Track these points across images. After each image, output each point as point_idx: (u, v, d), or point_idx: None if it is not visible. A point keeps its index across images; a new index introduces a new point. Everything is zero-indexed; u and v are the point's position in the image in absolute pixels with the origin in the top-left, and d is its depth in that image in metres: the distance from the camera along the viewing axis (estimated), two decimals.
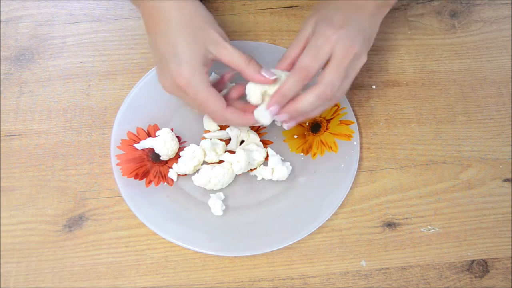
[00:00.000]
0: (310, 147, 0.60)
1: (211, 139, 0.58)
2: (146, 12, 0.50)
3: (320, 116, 0.61)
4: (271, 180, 0.57)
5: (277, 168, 0.56)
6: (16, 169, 0.58)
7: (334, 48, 0.47)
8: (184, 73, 0.47)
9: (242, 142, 0.59)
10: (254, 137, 0.59)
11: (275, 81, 0.50)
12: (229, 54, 0.49)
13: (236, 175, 0.57)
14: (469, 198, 0.58)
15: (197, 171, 0.56)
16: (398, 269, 0.54)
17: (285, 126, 0.52)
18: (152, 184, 0.56)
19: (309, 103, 0.48)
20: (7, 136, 0.60)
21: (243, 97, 0.53)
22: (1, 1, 0.68)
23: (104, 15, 0.67)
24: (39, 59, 0.65)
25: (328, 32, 0.47)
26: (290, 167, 0.57)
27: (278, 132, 0.61)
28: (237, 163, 0.55)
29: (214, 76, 0.61)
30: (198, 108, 0.50)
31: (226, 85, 0.56)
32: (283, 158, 0.57)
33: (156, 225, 0.53)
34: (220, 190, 0.57)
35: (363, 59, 0.49)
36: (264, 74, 0.49)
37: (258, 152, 0.57)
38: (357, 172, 0.58)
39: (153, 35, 0.49)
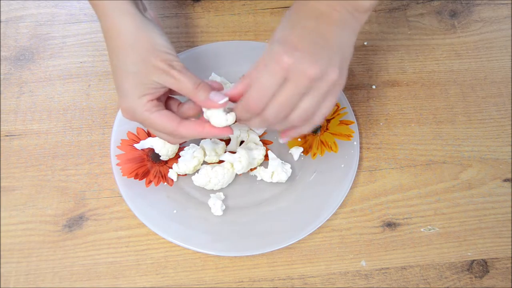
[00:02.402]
0: (310, 147, 0.60)
1: (211, 139, 0.58)
2: (102, 26, 0.47)
3: None
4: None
5: (277, 171, 0.56)
6: (16, 169, 0.58)
7: (288, 73, 0.41)
8: (128, 106, 0.46)
9: (242, 142, 0.59)
10: (254, 137, 0.59)
11: (225, 104, 0.46)
12: (175, 82, 0.45)
13: (236, 175, 0.57)
14: (469, 198, 0.58)
15: (197, 171, 0.56)
16: (398, 269, 0.54)
17: (281, 141, 0.50)
18: (152, 184, 0.56)
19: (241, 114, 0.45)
20: (7, 136, 0.60)
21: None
22: (1, 1, 0.68)
23: None
24: (39, 59, 0.65)
25: (280, 52, 0.41)
26: (290, 170, 0.57)
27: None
28: (238, 162, 0.55)
29: (214, 76, 0.61)
30: (158, 135, 0.50)
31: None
32: (283, 161, 0.57)
33: (156, 225, 0.53)
34: (220, 190, 0.57)
35: (336, 78, 0.43)
36: (213, 98, 0.45)
37: (258, 151, 0.57)
38: (357, 172, 0.58)
39: (109, 54, 0.46)
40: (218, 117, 0.47)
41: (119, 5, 0.45)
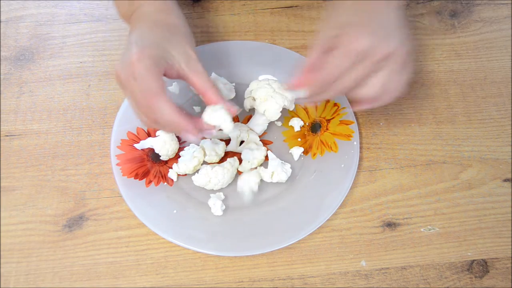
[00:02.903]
0: (310, 147, 0.60)
1: (211, 139, 0.58)
2: (130, 19, 0.53)
3: (320, 116, 0.61)
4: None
5: (277, 171, 0.56)
6: (16, 169, 0.58)
7: (365, 58, 0.45)
8: (143, 50, 0.46)
9: (242, 142, 0.59)
10: (254, 137, 0.59)
11: (235, 111, 0.50)
12: (200, 74, 0.49)
13: (236, 175, 0.57)
14: (469, 198, 0.58)
15: (197, 171, 0.56)
16: (398, 269, 0.54)
17: (308, 104, 0.51)
18: (152, 184, 0.56)
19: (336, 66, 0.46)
20: (7, 136, 0.60)
21: None
22: (1, 1, 0.68)
23: (104, 15, 0.67)
24: (39, 59, 0.65)
25: (354, 39, 0.44)
26: (290, 170, 0.57)
27: (278, 132, 0.61)
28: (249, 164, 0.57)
29: (214, 76, 0.61)
30: (141, 100, 0.46)
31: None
32: (283, 161, 0.57)
33: (156, 225, 0.53)
34: (220, 190, 0.57)
35: (404, 50, 0.46)
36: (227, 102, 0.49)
37: (258, 151, 0.57)
38: (357, 172, 0.58)
39: (130, 32, 0.50)
40: (220, 118, 0.49)
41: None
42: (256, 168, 0.58)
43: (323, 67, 0.46)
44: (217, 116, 0.48)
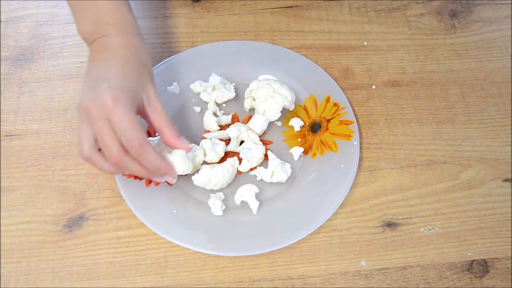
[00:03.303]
0: (310, 147, 0.60)
1: (211, 139, 0.58)
2: (94, 43, 0.52)
3: (320, 116, 0.61)
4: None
5: (277, 171, 0.56)
6: (16, 169, 0.58)
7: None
8: (117, 93, 0.46)
9: (242, 142, 0.59)
10: (254, 137, 0.58)
11: (190, 149, 0.53)
12: (158, 114, 0.51)
13: (236, 175, 0.57)
14: (469, 198, 0.58)
15: (197, 171, 0.56)
16: (398, 269, 0.54)
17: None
18: (152, 184, 0.56)
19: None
20: (7, 136, 0.60)
21: None
22: (1, 1, 0.68)
23: None
24: (39, 59, 0.65)
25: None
26: (290, 170, 0.57)
27: (278, 132, 0.61)
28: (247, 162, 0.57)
29: (213, 76, 0.61)
30: (106, 134, 0.46)
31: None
32: (283, 161, 0.57)
33: (156, 225, 0.53)
34: (220, 190, 0.57)
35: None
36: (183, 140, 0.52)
37: (257, 149, 0.57)
38: (357, 172, 0.58)
39: (95, 62, 0.50)
40: (180, 162, 0.52)
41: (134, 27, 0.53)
42: (256, 168, 0.58)
43: None
44: (176, 162, 0.52)
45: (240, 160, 0.58)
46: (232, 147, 0.58)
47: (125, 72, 0.49)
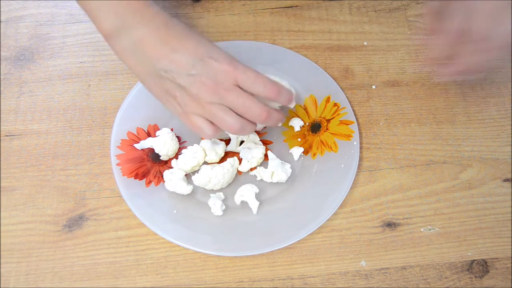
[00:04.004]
0: (310, 147, 0.60)
1: (210, 139, 0.58)
2: (159, 26, 0.48)
3: (320, 116, 0.61)
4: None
5: (277, 171, 0.56)
6: (16, 169, 0.58)
7: None
8: (228, 60, 0.47)
9: (242, 142, 0.59)
10: (253, 137, 0.59)
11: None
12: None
13: (236, 175, 0.57)
14: (469, 198, 0.58)
15: (197, 171, 0.56)
16: (398, 269, 0.54)
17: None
18: (152, 184, 0.56)
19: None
20: (7, 136, 0.60)
21: None
22: (1, 1, 0.68)
23: None
24: (39, 59, 0.65)
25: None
26: (290, 170, 0.57)
27: (278, 132, 0.61)
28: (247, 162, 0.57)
29: None
30: (242, 98, 0.47)
31: None
32: (283, 161, 0.57)
33: (156, 225, 0.53)
34: (220, 190, 0.57)
35: None
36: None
37: (257, 149, 0.57)
38: (357, 172, 0.58)
39: (161, 56, 0.47)
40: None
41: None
42: (256, 168, 0.58)
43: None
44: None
45: (240, 160, 0.58)
46: (232, 147, 0.58)
47: (199, 40, 0.48)
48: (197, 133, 0.50)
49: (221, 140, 0.59)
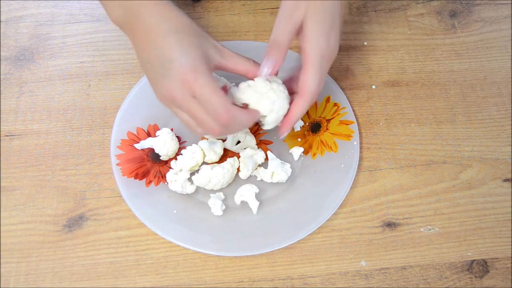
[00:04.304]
0: (310, 147, 0.60)
1: (207, 139, 0.58)
2: (131, 29, 0.48)
3: (320, 116, 0.61)
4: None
5: (277, 171, 0.56)
6: (16, 169, 0.58)
7: (324, 58, 0.47)
8: (190, 66, 0.44)
9: (238, 142, 0.59)
10: (250, 139, 0.58)
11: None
12: (233, 57, 0.48)
13: (236, 175, 0.57)
14: (469, 198, 0.58)
15: (197, 171, 0.56)
16: (398, 269, 0.54)
17: (282, 137, 0.52)
18: (152, 184, 0.56)
19: (300, 114, 0.49)
20: (7, 136, 0.60)
21: None
22: (1, 1, 0.68)
23: (104, 15, 0.67)
24: (39, 59, 0.65)
25: (323, 45, 0.46)
26: (290, 170, 0.57)
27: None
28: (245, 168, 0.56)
29: (215, 77, 0.61)
30: (198, 112, 0.46)
31: None
32: (283, 161, 0.57)
33: (156, 225, 0.53)
34: (220, 190, 0.57)
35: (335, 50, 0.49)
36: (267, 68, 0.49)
37: (258, 156, 0.57)
38: (357, 172, 0.58)
39: (143, 49, 0.46)
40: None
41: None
42: (256, 168, 0.58)
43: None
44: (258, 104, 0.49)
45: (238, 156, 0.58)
46: (228, 145, 0.58)
47: (183, 43, 0.45)
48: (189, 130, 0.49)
49: (217, 138, 0.59)
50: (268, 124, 0.50)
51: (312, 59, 0.46)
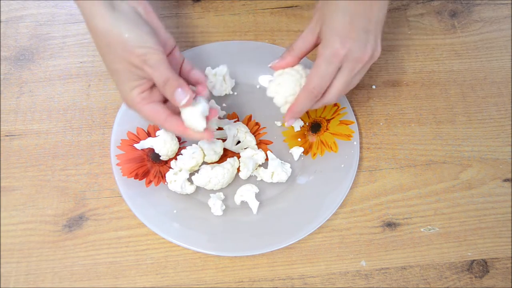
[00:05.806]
0: (310, 147, 0.60)
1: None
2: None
3: (320, 116, 0.61)
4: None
5: (277, 171, 0.56)
6: (16, 169, 0.58)
7: (343, 62, 0.47)
8: (124, 98, 0.48)
9: (238, 142, 0.59)
10: (250, 140, 0.58)
11: (188, 103, 0.47)
12: (151, 77, 0.46)
13: (236, 175, 0.57)
14: (469, 198, 0.58)
15: (197, 171, 0.56)
16: (398, 269, 0.54)
17: (287, 124, 0.53)
18: (152, 184, 0.56)
19: (302, 105, 0.49)
20: (7, 136, 0.60)
21: None
22: (1, 1, 0.68)
23: None
24: (39, 59, 0.65)
25: (336, 44, 0.46)
26: (290, 170, 0.57)
27: (278, 132, 0.61)
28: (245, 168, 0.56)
29: (208, 70, 0.61)
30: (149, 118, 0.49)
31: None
32: (283, 161, 0.57)
33: (156, 225, 0.53)
34: (220, 190, 0.57)
35: (377, 55, 0.49)
36: (177, 97, 0.46)
37: (258, 156, 0.57)
38: (357, 172, 0.58)
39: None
40: (192, 119, 0.48)
41: (90, 5, 0.44)
42: (256, 168, 0.58)
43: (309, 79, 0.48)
44: (194, 123, 0.48)
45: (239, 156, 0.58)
46: (228, 145, 0.58)
47: (113, 72, 0.47)
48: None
49: (217, 139, 0.59)
50: (279, 105, 0.51)
51: (319, 55, 0.47)
